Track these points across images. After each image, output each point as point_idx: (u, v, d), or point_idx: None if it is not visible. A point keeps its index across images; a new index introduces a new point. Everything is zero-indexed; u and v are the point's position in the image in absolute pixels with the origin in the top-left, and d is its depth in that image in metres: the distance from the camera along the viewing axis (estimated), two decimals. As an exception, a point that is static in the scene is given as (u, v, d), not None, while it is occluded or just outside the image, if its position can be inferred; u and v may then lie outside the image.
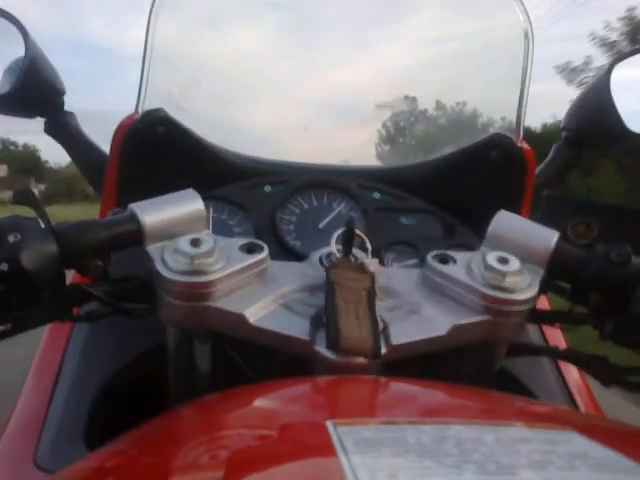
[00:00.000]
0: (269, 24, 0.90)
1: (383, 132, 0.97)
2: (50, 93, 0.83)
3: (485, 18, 0.87)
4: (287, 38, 0.90)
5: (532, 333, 0.74)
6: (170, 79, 0.85)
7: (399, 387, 0.40)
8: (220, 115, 0.90)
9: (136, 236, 0.48)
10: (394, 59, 0.89)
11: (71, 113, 0.85)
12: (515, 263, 0.50)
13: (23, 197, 0.48)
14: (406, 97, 0.93)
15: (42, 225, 0.45)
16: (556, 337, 0.76)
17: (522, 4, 0.78)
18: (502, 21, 0.84)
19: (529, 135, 0.80)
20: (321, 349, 0.44)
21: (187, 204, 0.50)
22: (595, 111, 0.84)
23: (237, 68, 0.88)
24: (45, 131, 0.85)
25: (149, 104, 0.74)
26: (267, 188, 0.76)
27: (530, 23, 0.78)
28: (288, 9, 0.90)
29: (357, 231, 0.53)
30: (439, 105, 0.92)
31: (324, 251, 0.54)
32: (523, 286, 0.49)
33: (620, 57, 0.86)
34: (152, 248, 0.48)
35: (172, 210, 0.50)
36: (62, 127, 0.85)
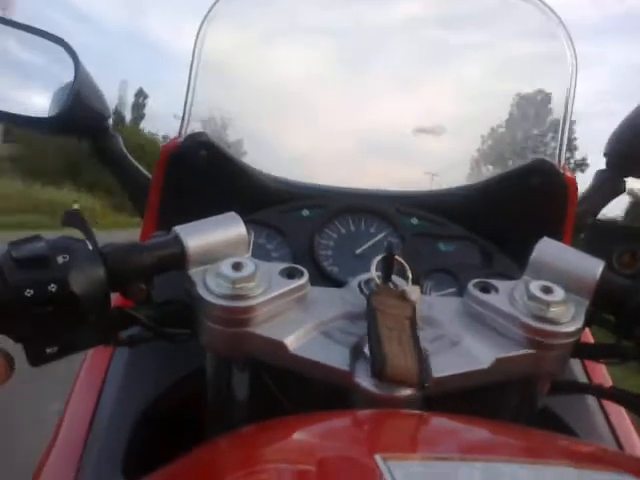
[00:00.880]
0: (315, 51, 0.91)
1: (423, 157, 0.96)
2: (96, 117, 0.85)
3: (530, 43, 0.86)
4: (331, 66, 0.91)
5: (574, 368, 0.72)
6: (213, 101, 0.87)
7: (444, 422, 0.39)
8: (261, 138, 0.91)
9: (179, 259, 0.49)
10: (436, 92, 0.89)
11: (116, 136, 0.88)
12: (559, 293, 0.48)
13: (71, 219, 0.49)
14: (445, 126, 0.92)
15: (90, 247, 0.46)
16: (600, 373, 0.73)
17: (567, 31, 0.78)
18: (547, 48, 0.83)
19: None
20: (361, 380, 0.44)
21: (230, 228, 0.51)
22: (638, 138, 0.83)
23: (280, 93, 0.90)
24: (90, 153, 0.88)
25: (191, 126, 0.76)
26: (305, 212, 0.76)
27: (574, 48, 0.77)
28: (336, 38, 0.91)
29: (397, 257, 0.52)
30: (480, 133, 0.91)
31: (363, 277, 0.54)
32: (568, 317, 0.48)
33: None
34: (194, 272, 0.49)
35: (215, 234, 0.50)
36: (107, 150, 0.87)
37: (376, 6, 0.91)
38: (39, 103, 0.86)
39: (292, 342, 0.46)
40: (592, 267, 0.51)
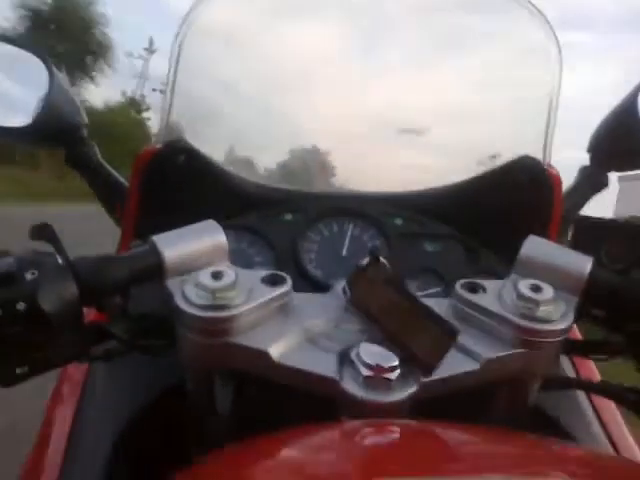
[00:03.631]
0: (298, 50, 0.89)
1: (405, 156, 0.95)
2: (71, 125, 0.84)
3: (515, 41, 0.86)
4: (311, 67, 0.89)
5: (563, 364, 0.71)
6: (191, 106, 0.85)
7: (440, 433, 0.38)
8: (241, 144, 0.90)
9: (156, 270, 0.47)
10: (418, 92, 0.88)
11: (91, 144, 0.86)
12: (548, 291, 0.48)
13: (40, 232, 0.47)
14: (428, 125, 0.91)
15: (60, 261, 0.44)
16: (588, 368, 0.73)
17: (551, 28, 0.78)
18: (532, 45, 0.83)
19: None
20: (349, 387, 0.43)
21: (208, 236, 0.49)
22: (622, 132, 0.82)
23: (260, 96, 0.88)
24: (65, 161, 0.86)
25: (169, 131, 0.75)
26: (287, 216, 0.75)
27: (559, 46, 0.77)
28: (321, 37, 0.89)
29: (382, 259, 0.51)
30: (464, 132, 0.90)
31: (346, 280, 0.53)
32: (558, 315, 0.47)
33: None
34: (172, 282, 0.47)
35: (193, 242, 0.48)
36: (82, 158, 0.86)
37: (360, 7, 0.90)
38: (14, 113, 0.85)
39: (276, 351, 0.45)
40: (581, 264, 0.50)
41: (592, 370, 0.73)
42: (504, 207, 0.74)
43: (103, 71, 22.89)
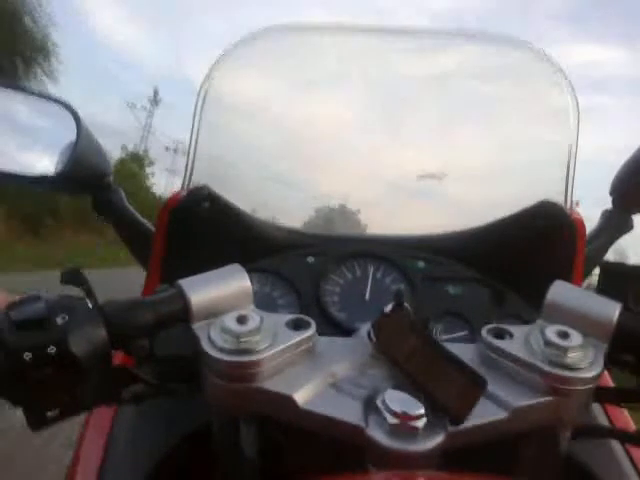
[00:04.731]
0: (317, 102, 0.92)
1: (426, 202, 0.95)
2: (97, 173, 0.86)
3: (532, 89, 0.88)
4: (331, 117, 0.91)
5: (596, 412, 0.69)
6: (216, 155, 0.87)
7: None
8: (264, 189, 0.92)
9: (183, 314, 0.47)
10: (438, 140, 0.89)
11: (117, 191, 0.88)
12: (576, 337, 0.47)
13: (71, 277, 0.48)
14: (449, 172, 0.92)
15: (90, 306, 0.45)
16: (622, 416, 0.70)
17: (566, 76, 0.79)
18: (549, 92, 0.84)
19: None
20: (375, 435, 0.42)
21: (233, 280, 0.50)
22: None
23: (283, 143, 0.90)
24: (92, 207, 0.88)
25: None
26: (309, 259, 0.76)
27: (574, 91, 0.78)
28: (337, 89, 0.91)
29: (406, 305, 0.51)
30: (485, 179, 0.90)
31: (371, 325, 0.52)
32: (586, 362, 0.46)
33: None
34: (198, 326, 0.47)
35: (218, 286, 0.49)
36: (108, 204, 0.88)
37: (376, 60, 0.92)
38: (43, 163, 0.87)
39: (301, 396, 0.45)
40: (609, 309, 0.49)
41: (627, 419, 0.71)
42: (527, 251, 0.74)
43: (43, 82, 15.80)
